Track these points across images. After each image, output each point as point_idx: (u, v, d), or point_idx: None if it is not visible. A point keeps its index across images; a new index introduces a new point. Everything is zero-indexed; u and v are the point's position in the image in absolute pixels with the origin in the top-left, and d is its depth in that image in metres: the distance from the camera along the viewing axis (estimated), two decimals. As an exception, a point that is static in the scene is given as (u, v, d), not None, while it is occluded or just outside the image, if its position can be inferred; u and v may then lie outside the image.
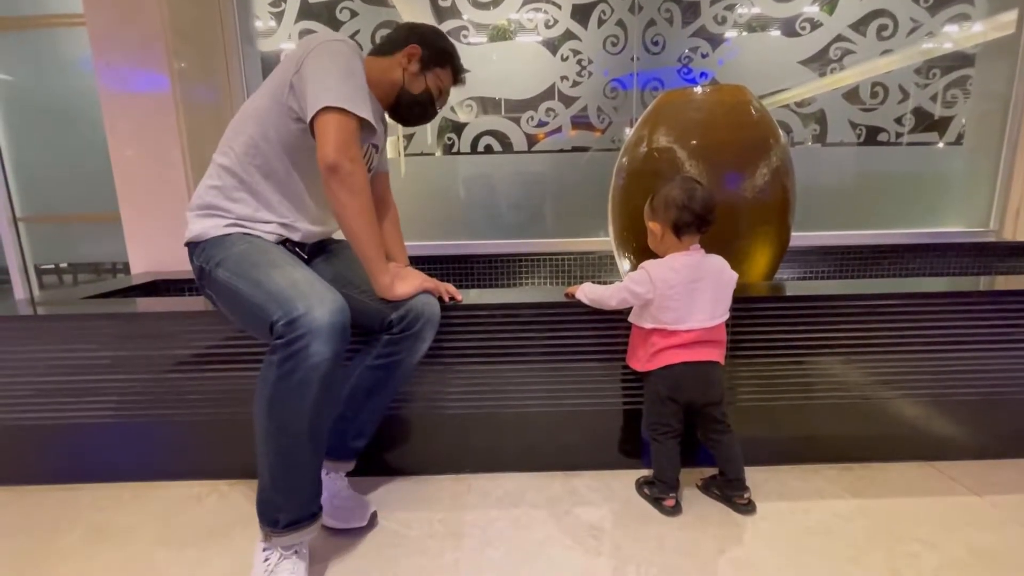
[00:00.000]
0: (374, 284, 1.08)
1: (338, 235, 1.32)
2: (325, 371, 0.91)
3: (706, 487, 1.24)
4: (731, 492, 1.18)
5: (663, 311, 1.12)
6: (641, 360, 1.18)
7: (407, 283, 1.12)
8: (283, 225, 1.15)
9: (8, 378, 1.29)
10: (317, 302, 0.92)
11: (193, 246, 1.12)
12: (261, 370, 0.93)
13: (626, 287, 1.14)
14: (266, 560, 0.95)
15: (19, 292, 2.56)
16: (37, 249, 2.56)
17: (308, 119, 1.02)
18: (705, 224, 1.13)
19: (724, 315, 1.15)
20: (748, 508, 1.17)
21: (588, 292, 1.21)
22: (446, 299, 1.24)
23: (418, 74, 1.21)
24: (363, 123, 1.03)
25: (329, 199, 1.02)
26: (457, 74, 1.27)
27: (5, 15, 2.34)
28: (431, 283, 1.18)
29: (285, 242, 1.16)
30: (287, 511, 0.95)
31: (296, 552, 0.97)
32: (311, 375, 0.90)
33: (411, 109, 1.24)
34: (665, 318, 1.12)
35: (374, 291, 1.09)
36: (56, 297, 1.53)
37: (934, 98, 2.36)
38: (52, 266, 2.66)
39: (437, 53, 1.22)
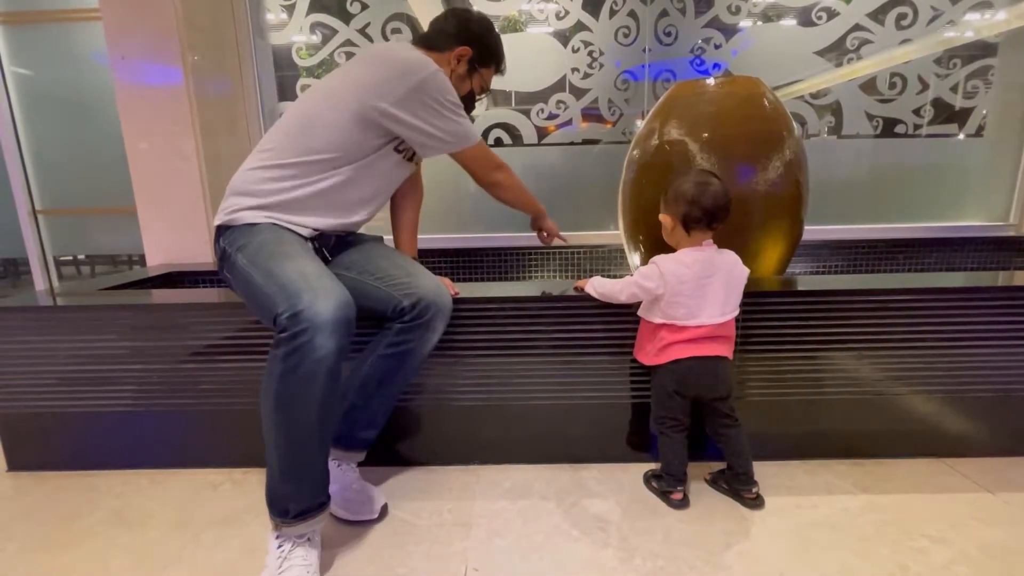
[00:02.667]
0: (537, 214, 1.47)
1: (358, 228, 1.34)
2: (330, 364, 0.91)
3: (714, 481, 1.24)
4: (739, 486, 1.18)
5: (673, 306, 1.11)
6: (649, 354, 1.18)
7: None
8: (316, 228, 1.15)
9: (29, 367, 1.32)
10: (322, 296, 0.92)
11: (223, 229, 1.13)
12: (267, 364, 0.94)
13: (636, 282, 1.13)
14: (279, 547, 0.97)
15: (39, 283, 2.62)
16: (56, 241, 2.61)
17: (454, 152, 1.18)
18: (716, 221, 1.11)
19: (734, 311, 1.14)
20: (756, 503, 1.16)
21: (597, 286, 1.21)
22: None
23: (465, 76, 1.22)
24: None
25: (497, 199, 1.34)
26: (499, 66, 1.29)
27: (23, 10, 2.38)
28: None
29: (316, 238, 1.16)
30: (296, 501, 0.96)
31: (308, 540, 0.99)
32: (317, 368, 0.90)
33: None
34: (676, 313, 1.11)
35: (390, 278, 1.12)
36: (74, 288, 1.57)
37: (954, 89, 2.31)
38: (70, 258, 2.72)
39: (486, 53, 1.23)
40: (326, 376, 0.92)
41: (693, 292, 1.10)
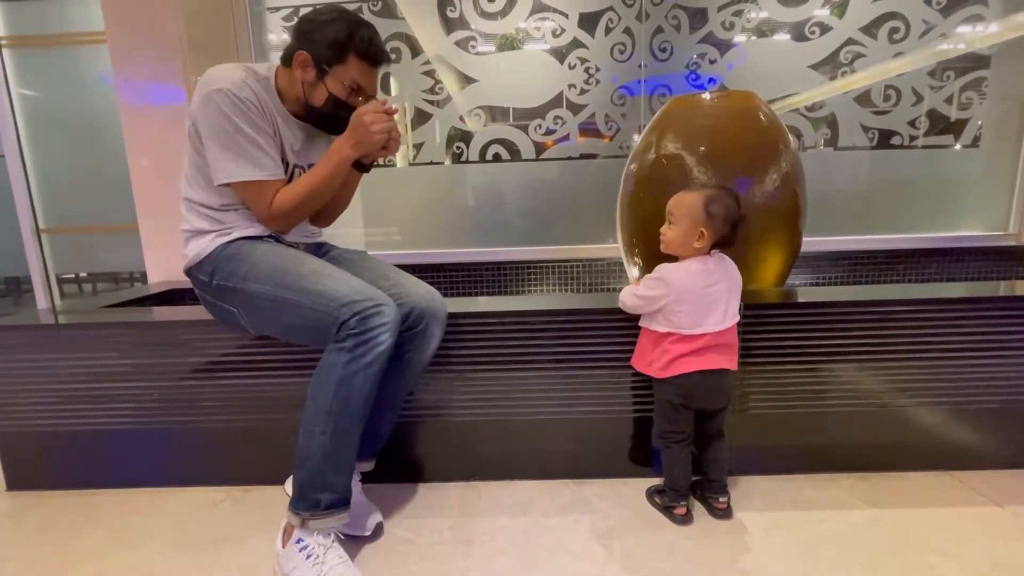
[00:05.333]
0: (341, 155, 1.09)
1: (334, 239, 1.37)
2: (385, 359, 1.01)
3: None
4: (711, 495, 1.18)
5: (677, 315, 1.11)
6: (654, 366, 1.16)
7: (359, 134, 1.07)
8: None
9: (30, 385, 1.32)
10: (380, 299, 1.02)
11: (197, 266, 1.16)
12: (325, 357, 1.01)
13: (639, 294, 1.14)
14: (308, 556, 0.97)
15: (41, 301, 2.63)
16: (58, 259, 2.63)
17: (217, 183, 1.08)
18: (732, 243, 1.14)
19: (735, 317, 1.14)
20: (726, 513, 1.16)
21: (622, 298, 1.20)
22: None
23: (315, 83, 1.08)
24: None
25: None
26: (366, 57, 1.07)
27: (31, 34, 2.43)
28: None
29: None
30: (332, 490, 1.00)
31: (335, 541, 1.00)
32: (376, 360, 0.99)
33: (324, 122, 1.16)
34: (680, 322, 1.11)
35: (371, 280, 1.12)
36: (76, 306, 1.57)
37: (949, 100, 2.33)
38: (72, 275, 2.74)
39: (327, 49, 1.05)
40: (378, 370, 1.00)
41: (698, 300, 1.10)
